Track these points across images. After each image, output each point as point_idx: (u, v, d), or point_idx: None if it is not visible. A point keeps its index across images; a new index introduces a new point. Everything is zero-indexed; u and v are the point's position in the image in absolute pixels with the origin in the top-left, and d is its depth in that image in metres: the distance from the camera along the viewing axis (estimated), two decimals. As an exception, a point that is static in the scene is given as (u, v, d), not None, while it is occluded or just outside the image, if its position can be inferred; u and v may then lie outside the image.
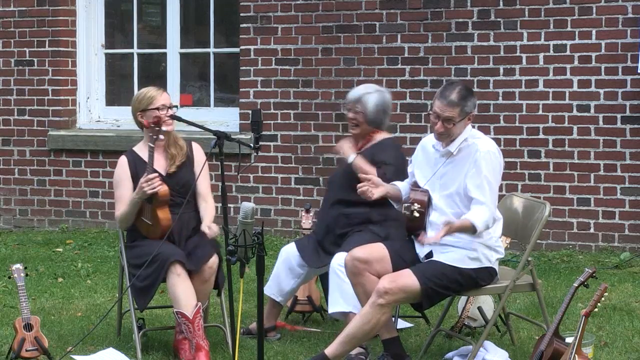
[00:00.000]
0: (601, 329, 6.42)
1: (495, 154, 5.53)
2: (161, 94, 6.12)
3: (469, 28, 8.83)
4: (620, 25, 8.43)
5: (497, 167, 5.54)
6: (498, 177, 5.55)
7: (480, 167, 5.47)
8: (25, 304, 5.89)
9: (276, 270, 6.35)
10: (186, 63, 10.15)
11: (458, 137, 5.56)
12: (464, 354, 5.86)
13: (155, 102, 6.06)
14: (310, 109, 9.33)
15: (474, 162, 5.49)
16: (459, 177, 5.53)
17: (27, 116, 10.20)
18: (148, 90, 6.16)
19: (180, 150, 6.13)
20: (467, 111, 5.54)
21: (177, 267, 5.79)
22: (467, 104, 5.53)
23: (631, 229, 8.50)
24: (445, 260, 5.51)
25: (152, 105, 6.05)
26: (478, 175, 5.46)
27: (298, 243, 6.35)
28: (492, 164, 5.50)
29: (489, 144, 5.56)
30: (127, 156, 6.18)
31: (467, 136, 5.57)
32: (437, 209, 5.62)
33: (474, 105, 5.58)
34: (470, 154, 5.51)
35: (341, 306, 5.92)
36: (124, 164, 6.14)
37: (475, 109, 5.61)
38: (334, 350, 5.53)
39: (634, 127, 8.44)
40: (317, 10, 9.26)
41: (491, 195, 5.47)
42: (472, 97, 5.59)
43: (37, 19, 10.09)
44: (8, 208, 10.33)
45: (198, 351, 5.76)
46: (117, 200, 6.13)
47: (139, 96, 6.16)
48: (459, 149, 5.56)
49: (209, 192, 6.15)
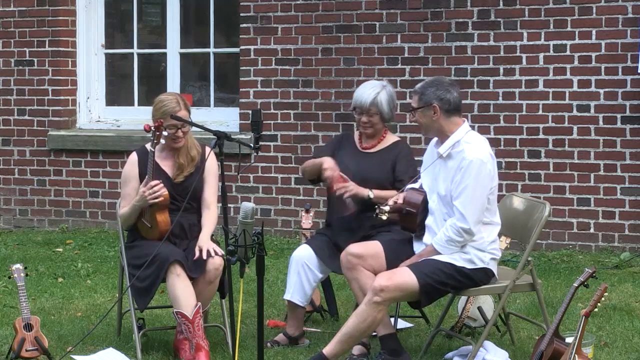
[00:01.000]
0: (601, 329, 6.42)
1: (483, 162, 5.44)
2: (178, 112, 5.90)
3: (469, 28, 8.83)
4: (620, 25, 8.43)
5: (484, 176, 5.45)
6: (484, 186, 5.46)
7: (464, 176, 5.43)
8: (25, 304, 5.89)
9: (297, 276, 6.20)
10: (186, 63, 10.15)
11: (448, 138, 5.55)
12: (464, 354, 5.86)
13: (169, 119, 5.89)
14: (310, 109, 9.33)
15: (460, 169, 5.46)
16: (447, 182, 5.53)
17: (27, 116, 10.20)
18: (167, 103, 5.97)
19: (190, 161, 6.05)
20: (424, 99, 5.53)
21: (176, 267, 5.79)
22: (425, 93, 5.54)
23: (631, 229, 8.50)
24: (440, 258, 5.52)
25: (166, 122, 5.90)
26: (460, 184, 5.45)
27: (313, 247, 6.24)
28: (477, 173, 5.42)
29: (477, 151, 5.47)
30: (138, 153, 6.13)
31: (459, 139, 5.53)
32: (432, 212, 5.63)
33: (436, 97, 5.52)
34: (458, 160, 5.48)
35: None
36: (133, 162, 6.10)
37: (438, 101, 5.51)
38: (332, 349, 5.54)
39: (634, 127, 8.44)
40: (317, 10, 9.26)
41: (472, 204, 5.42)
42: (436, 87, 5.54)
43: (37, 19, 10.09)
44: (8, 208, 10.32)
45: (198, 351, 5.75)
46: (122, 197, 6.12)
47: (158, 103, 6.00)
48: (449, 153, 5.54)
49: (214, 200, 6.09)
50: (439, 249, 5.51)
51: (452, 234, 5.46)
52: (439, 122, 5.55)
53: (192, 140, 6.11)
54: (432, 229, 5.62)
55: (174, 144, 6.01)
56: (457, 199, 5.45)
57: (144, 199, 5.88)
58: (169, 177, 6.04)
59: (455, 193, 5.46)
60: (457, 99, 5.58)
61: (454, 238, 5.46)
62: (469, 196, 5.42)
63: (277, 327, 6.55)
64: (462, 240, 5.47)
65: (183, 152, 6.06)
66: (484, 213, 5.49)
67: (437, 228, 5.58)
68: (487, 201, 5.50)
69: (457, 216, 5.44)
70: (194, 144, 6.10)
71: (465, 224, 5.42)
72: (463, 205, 5.42)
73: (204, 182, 6.05)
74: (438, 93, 5.54)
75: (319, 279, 6.26)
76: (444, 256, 5.51)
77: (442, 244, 5.49)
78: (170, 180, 6.03)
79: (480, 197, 5.45)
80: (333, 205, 6.25)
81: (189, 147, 6.07)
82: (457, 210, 5.45)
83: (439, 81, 5.64)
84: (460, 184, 5.44)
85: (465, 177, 5.43)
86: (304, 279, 6.20)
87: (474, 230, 5.45)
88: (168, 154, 6.08)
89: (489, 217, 5.56)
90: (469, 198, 5.42)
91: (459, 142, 5.53)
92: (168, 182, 6.00)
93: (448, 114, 5.55)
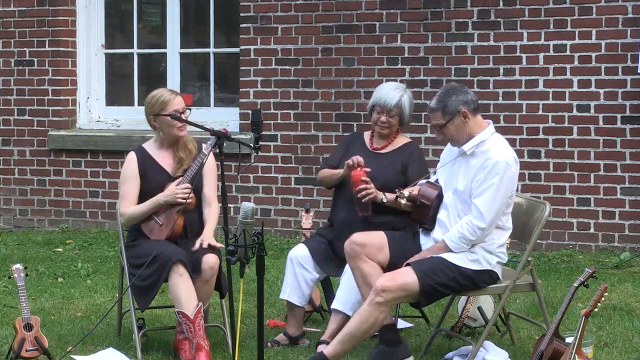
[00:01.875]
0: (601, 329, 6.42)
1: (508, 164, 5.46)
2: (175, 98, 6.01)
3: (469, 28, 8.83)
4: (620, 25, 8.43)
5: (508, 177, 5.46)
6: (508, 187, 5.47)
7: (488, 176, 5.44)
8: (25, 304, 5.89)
9: (293, 277, 6.21)
10: (186, 63, 10.15)
11: (473, 137, 5.55)
12: (464, 354, 5.86)
13: (168, 107, 5.97)
14: (310, 109, 9.33)
15: (484, 169, 5.46)
16: (468, 179, 5.52)
17: (27, 116, 10.20)
18: (161, 94, 6.05)
19: (189, 154, 6.08)
20: (449, 111, 5.51)
21: (179, 267, 5.79)
22: (447, 104, 5.52)
23: (631, 229, 8.50)
24: (445, 257, 5.51)
25: (164, 111, 5.97)
26: (483, 183, 5.45)
27: (310, 247, 6.25)
28: (502, 174, 5.43)
29: (502, 153, 5.48)
30: (137, 153, 6.15)
31: (485, 139, 5.53)
32: (446, 207, 5.63)
33: (460, 102, 5.51)
34: (482, 159, 5.49)
35: (342, 306, 5.96)
36: (132, 161, 6.11)
37: (464, 105, 5.51)
38: (333, 350, 5.54)
39: (634, 127, 8.44)
40: (317, 10, 9.26)
41: (493, 204, 5.43)
42: (455, 94, 5.53)
43: (37, 19, 10.09)
44: (8, 208, 10.33)
45: (198, 351, 5.76)
46: (122, 196, 6.11)
47: (151, 99, 6.05)
48: (473, 152, 5.54)
49: (214, 196, 6.11)
50: (450, 244, 5.50)
51: (466, 231, 5.45)
52: (468, 126, 5.54)
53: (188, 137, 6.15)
54: (444, 223, 5.61)
55: (180, 132, 6.03)
56: (477, 197, 5.45)
57: (173, 197, 5.89)
58: (168, 174, 6.05)
59: (476, 191, 5.46)
60: (475, 97, 5.62)
61: (467, 236, 5.45)
62: (491, 196, 5.43)
63: (277, 327, 6.54)
64: (474, 240, 5.46)
65: (182, 146, 6.09)
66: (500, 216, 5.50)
67: (449, 223, 5.57)
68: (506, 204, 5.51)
69: (475, 214, 5.44)
70: (188, 138, 6.14)
71: (483, 222, 5.42)
72: (483, 204, 5.42)
73: (204, 180, 6.06)
74: (460, 98, 5.54)
75: (316, 278, 6.26)
76: (450, 256, 5.50)
77: (454, 240, 5.49)
78: (170, 177, 6.04)
79: (501, 199, 5.45)
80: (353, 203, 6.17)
81: (186, 140, 6.11)
82: (475, 209, 5.44)
83: (452, 88, 5.63)
84: (484, 183, 5.44)
85: (490, 177, 5.43)
86: (300, 278, 6.21)
87: (488, 231, 5.46)
88: (166, 151, 6.10)
89: (503, 220, 5.56)
90: (491, 198, 5.43)
91: (484, 142, 5.53)
92: (167, 179, 6.02)
93: (475, 113, 5.56)
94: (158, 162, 6.09)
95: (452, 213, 5.59)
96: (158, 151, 6.12)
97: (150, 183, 6.05)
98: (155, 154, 6.10)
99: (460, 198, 5.55)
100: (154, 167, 6.07)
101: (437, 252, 5.54)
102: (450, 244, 5.51)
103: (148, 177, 6.06)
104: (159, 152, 6.12)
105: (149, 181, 6.05)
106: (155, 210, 5.98)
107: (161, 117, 5.99)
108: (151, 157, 6.10)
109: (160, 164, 6.08)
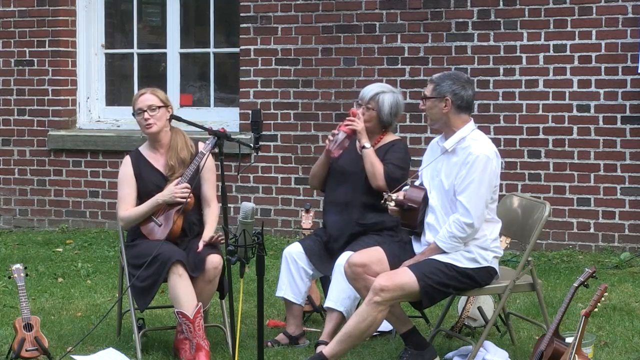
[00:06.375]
0: (601, 329, 6.42)
1: (489, 158, 5.46)
2: (139, 97, 6.09)
3: (469, 28, 8.83)
4: (620, 25, 8.43)
5: (489, 172, 5.46)
6: (490, 182, 5.47)
7: (469, 171, 5.44)
8: (25, 304, 5.89)
9: (289, 274, 6.23)
10: (186, 63, 10.15)
11: (454, 134, 5.56)
12: (464, 354, 5.87)
13: (135, 107, 6.09)
14: (310, 109, 9.33)
15: (465, 164, 5.46)
16: (451, 177, 5.53)
17: (27, 116, 10.20)
18: (137, 92, 6.19)
19: (181, 162, 6.05)
20: (439, 91, 5.53)
21: (178, 267, 5.79)
22: (442, 84, 5.54)
23: (631, 229, 8.50)
24: (442, 258, 5.51)
25: (134, 110, 6.09)
26: (466, 179, 5.45)
27: (304, 245, 6.28)
28: (483, 168, 5.44)
29: (483, 148, 5.49)
30: (132, 156, 6.17)
31: (465, 135, 5.54)
32: (432, 210, 5.62)
33: (451, 91, 5.52)
34: (464, 156, 5.49)
35: (334, 304, 5.99)
36: (128, 164, 6.14)
37: (452, 96, 5.51)
38: (332, 349, 5.54)
39: (634, 127, 8.44)
40: (317, 10, 9.26)
41: (477, 199, 5.43)
42: (454, 82, 5.54)
43: (37, 19, 10.09)
44: (8, 208, 10.33)
45: (198, 351, 5.76)
46: (120, 199, 6.13)
47: (133, 98, 6.20)
48: (454, 149, 5.55)
49: (213, 197, 6.12)
50: (442, 245, 5.50)
51: (455, 229, 5.45)
52: (447, 116, 5.55)
53: (183, 142, 6.12)
54: (433, 226, 5.61)
55: (147, 130, 6.07)
56: (461, 194, 5.45)
57: (172, 197, 5.90)
58: (162, 175, 6.06)
59: (459, 188, 5.46)
60: (470, 98, 5.60)
61: (457, 234, 5.45)
62: (474, 191, 5.42)
63: (277, 327, 6.55)
64: (465, 237, 5.46)
65: (173, 154, 6.08)
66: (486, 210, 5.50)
67: (439, 225, 5.57)
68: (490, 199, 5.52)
69: (461, 211, 5.44)
70: (185, 145, 6.11)
71: (469, 218, 5.42)
72: (468, 199, 5.42)
73: (203, 180, 6.06)
74: (454, 87, 5.54)
75: (310, 275, 6.27)
76: (445, 256, 5.50)
77: (445, 240, 5.49)
78: (165, 178, 6.04)
79: (485, 193, 5.45)
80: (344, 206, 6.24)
81: (179, 148, 6.09)
82: (461, 205, 5.44)
83: (456, 76, 5.63)
84: (466, 179, 5.44)
85: (472, 172, 5.43)
86: (295, 275, 6.23)
87: (477, 226, 5.45)
88: (157, 152, 6.12)
89: (490, 214, 5.57)
90: (474, 193, 5.42)
91: (464, 138, 5.54)
92: (162, 180, 6.02)
93: (458, 110, 5.56)
94: (151, 163, 6.13)
95: (440, 214, 5.59)
96: (150, 152, 6.17)
97: (146, 184, 6.07)
98: (149, 156, 6.15)
99: (447, 197, 5.56)
100: (148, 168, 6.11)
101: (430, 254, 5.54)
102: (442, 245, 5.50)
103: (144, 178, 6.08)
104: (151, 153, 6.17)
105: (145, 182, 6.07)
106: (154, 210, 5.98)
107: (136, 115, 6.09)
108: (145, 158, 6.14)
109: (153, 165, 6.12)
